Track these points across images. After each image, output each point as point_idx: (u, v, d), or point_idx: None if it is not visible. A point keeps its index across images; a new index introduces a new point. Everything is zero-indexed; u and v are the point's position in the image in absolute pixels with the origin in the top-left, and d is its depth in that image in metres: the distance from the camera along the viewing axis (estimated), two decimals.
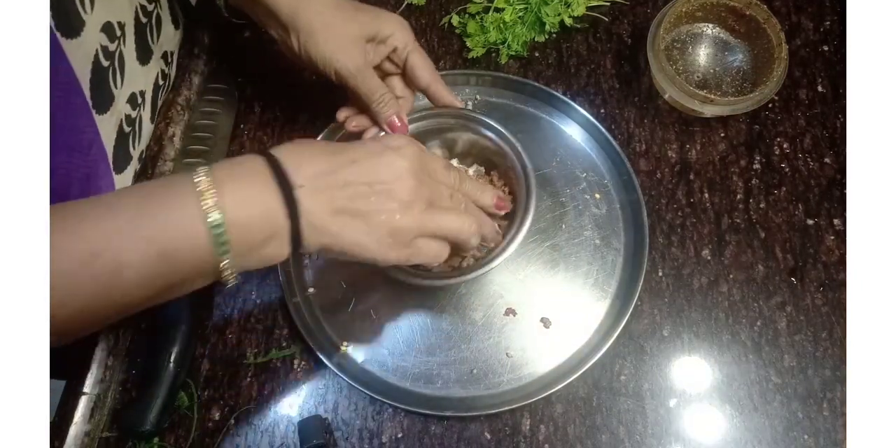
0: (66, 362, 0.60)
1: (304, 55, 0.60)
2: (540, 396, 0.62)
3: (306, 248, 0.48)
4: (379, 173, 0.49)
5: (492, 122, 0.63)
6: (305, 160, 0.48)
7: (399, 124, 0.62)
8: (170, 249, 0.43)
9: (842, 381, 0.64)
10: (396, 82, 0.65)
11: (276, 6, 0.58)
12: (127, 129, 0.62)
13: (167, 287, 0.45)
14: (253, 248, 0.46)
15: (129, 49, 0.61)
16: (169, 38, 0.71)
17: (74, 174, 0.55)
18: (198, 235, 0.43)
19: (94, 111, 0.54)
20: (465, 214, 0.55)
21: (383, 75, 0.64)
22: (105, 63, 0.56)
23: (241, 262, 0.46)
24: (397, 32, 0.61)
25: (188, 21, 0.76)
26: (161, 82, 0.70)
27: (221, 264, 0.45)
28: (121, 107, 0.60)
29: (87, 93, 0.53)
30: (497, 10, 0.76)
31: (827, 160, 0.72)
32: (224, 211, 0.43)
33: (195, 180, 0.44)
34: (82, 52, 0.52)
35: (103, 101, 0.56)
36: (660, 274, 0.68)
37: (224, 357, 0.66)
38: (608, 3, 0.78)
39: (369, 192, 0.49)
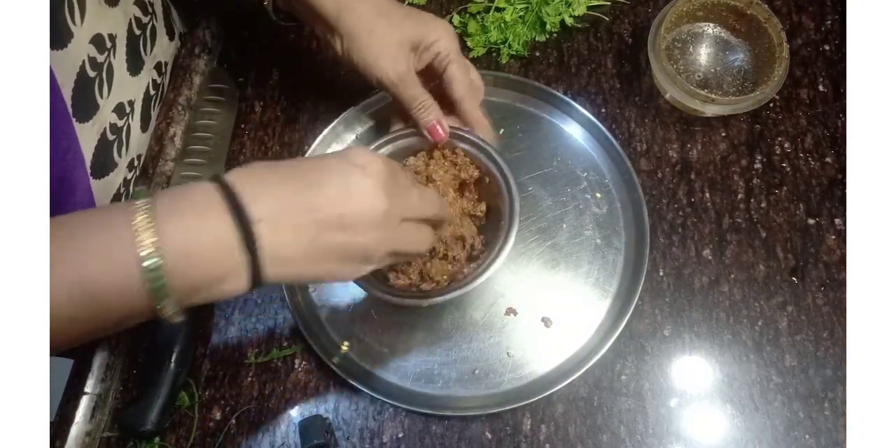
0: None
1: (346, 59, 0.60)
2: (541, 396, 0.62)
3: (267, 281, 0.44)
4: (347, 200, 0.45)
5: (479, 142, 0.63)
6: (264, 189, 0.43)
7: (440, 131, 0.62)
8: (98, 293, 0.39)
9: (843, 380, 0.64)
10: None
11: (322, 8, 0.58)
12: (111, 137, 0.62)
13: (99, 328, 0.41)
14: (200, 289, 0.42)
15: (120, 60, 0.61)
16: (163, 48, 0.71)
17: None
18: (130, 280, 0.39)
19: (74, 119, 0.54)
20: (428, 229, 0.53)
21: (430, 81, 0.64)
22: (91, 74, 0.56)
23: (185, 302, 0.42)
24: (442, 39, 0.61)
25: (189, 25, 0.76)
26: (153, 92, 0.70)
27: (159, 307, 0.41)
28: (105, 116, 0.60)
29: (68, 101, 0.52)
30: (498, 9, 0.76)
31: (828, 159, 0.72)
32: (164, 253, 0.39)
33: (131, 216, 0.39)
34: (68, 63, 0.52)
35: (86, 110, 0.56)
36: (661, 273, 0.68)
37: (225, 357, 0.66)
38: (609, 3, 0.78)
39: (338, 223, 0.44)
